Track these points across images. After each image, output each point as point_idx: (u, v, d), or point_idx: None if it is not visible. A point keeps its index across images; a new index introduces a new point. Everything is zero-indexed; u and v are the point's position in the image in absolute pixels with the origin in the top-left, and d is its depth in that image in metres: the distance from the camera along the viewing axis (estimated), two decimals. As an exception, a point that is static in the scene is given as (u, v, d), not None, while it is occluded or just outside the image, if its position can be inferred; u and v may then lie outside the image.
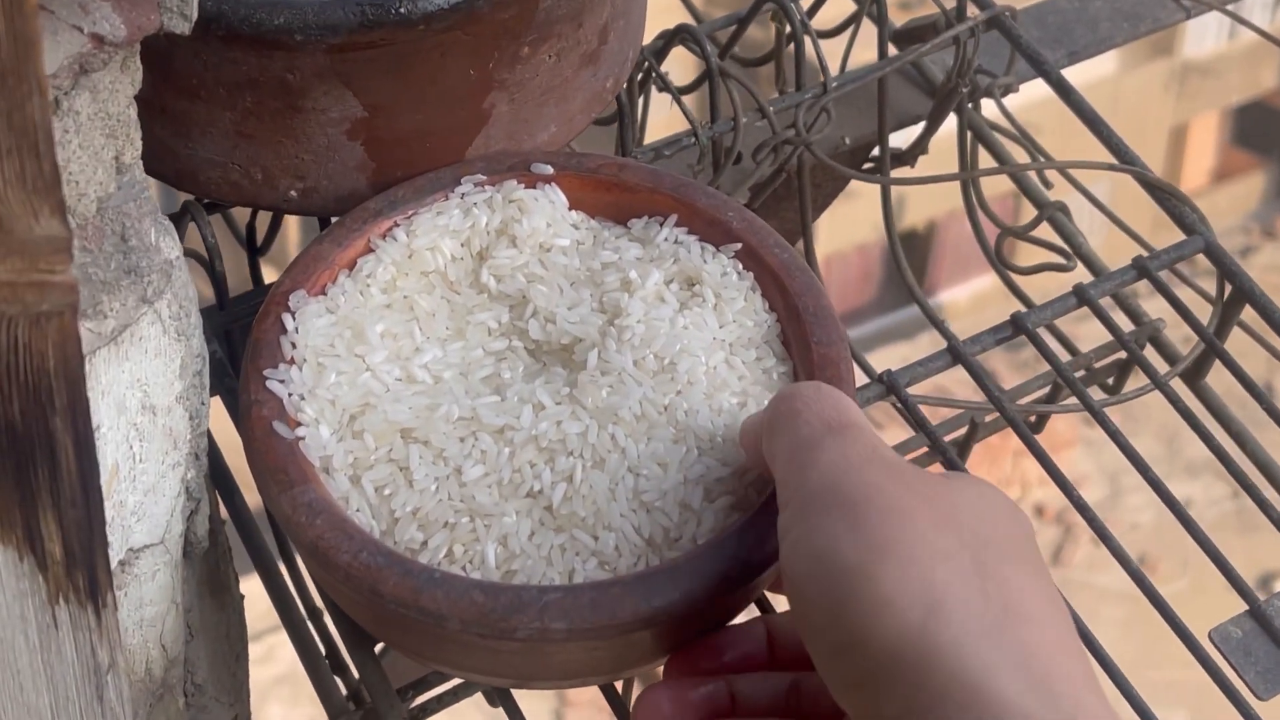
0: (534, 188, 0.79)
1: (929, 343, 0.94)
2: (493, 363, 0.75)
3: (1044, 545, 6.40)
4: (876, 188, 1.05)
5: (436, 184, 0.79)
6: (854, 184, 1.07)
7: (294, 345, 0.73)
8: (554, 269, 0.77)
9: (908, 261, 1.05)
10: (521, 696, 0.78)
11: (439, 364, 0.74)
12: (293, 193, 0.79)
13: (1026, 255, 0.97)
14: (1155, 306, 0.97)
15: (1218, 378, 0.95)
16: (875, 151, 1.06)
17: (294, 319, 0.74)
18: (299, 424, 0.71)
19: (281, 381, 0.72)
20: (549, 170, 0.79)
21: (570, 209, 0.79)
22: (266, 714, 5.45)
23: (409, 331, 0.75)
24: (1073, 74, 1.02)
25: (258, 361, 0.73)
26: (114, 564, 0.68)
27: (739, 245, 0.77)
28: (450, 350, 0.75)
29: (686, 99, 0.96)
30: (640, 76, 0.96)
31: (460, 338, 0.75)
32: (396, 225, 0.78)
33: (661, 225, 0.78)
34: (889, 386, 0.87)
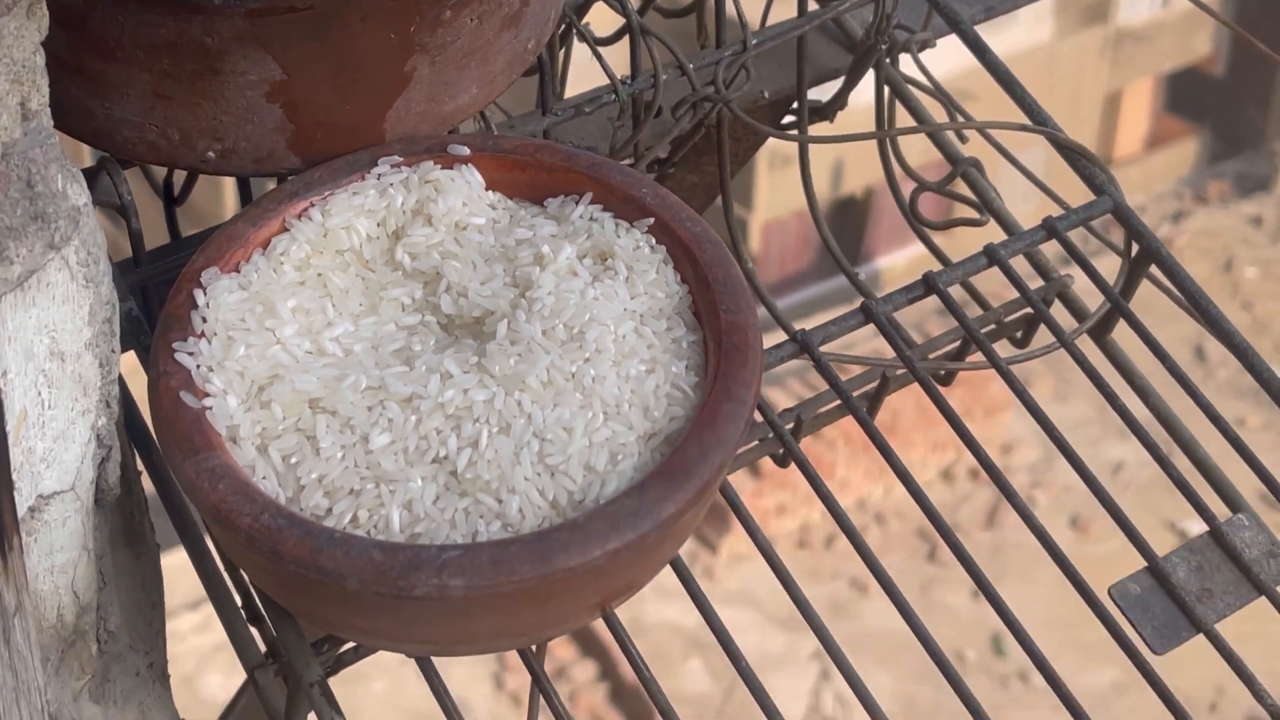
0: (451, 168, 0.80)
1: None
2: (404, 336, 0.76)
3: (979, 508, 6.49)
4: (816, 153, 1.06)
5: (353, 165, 0.80)
6: (794, 150, 1.08)
7: (204, 319, 0.74)
8: (469, 246, 0.78)
9: (846, 227, 1.07)
10: (457, 660, 0.79)
11: (350, 338, 0.75)
12: (210, 154, 0.80)
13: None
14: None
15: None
16: (795, 105, 1.08)
17: (205, 294, 0.75)
18: (207, 394, 0.72)
19: (190, 354, 0.73)
20: (465, 151, 0.80)
21: (488, 189, 0.80)
22: (206, 682, 5.47)
23: (321, 307, 0.76)
24: (1008, 40, 1.04)
25: (167, 335, 0.74)
26: (23, 510, 0.69)
27: (651, 220, 0.78)
28: (362, 325, 0.76)
29: (609, 51, 0.97)
30: (561, 30, 0.97)
31: (373, 313, 0.77)
32: (312, 205, 0.79)
33: (577, 203, 0.79)
34: (803, 345, 0.88)
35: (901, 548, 6.46)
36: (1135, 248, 0.93)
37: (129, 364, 0.81)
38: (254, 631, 0.80)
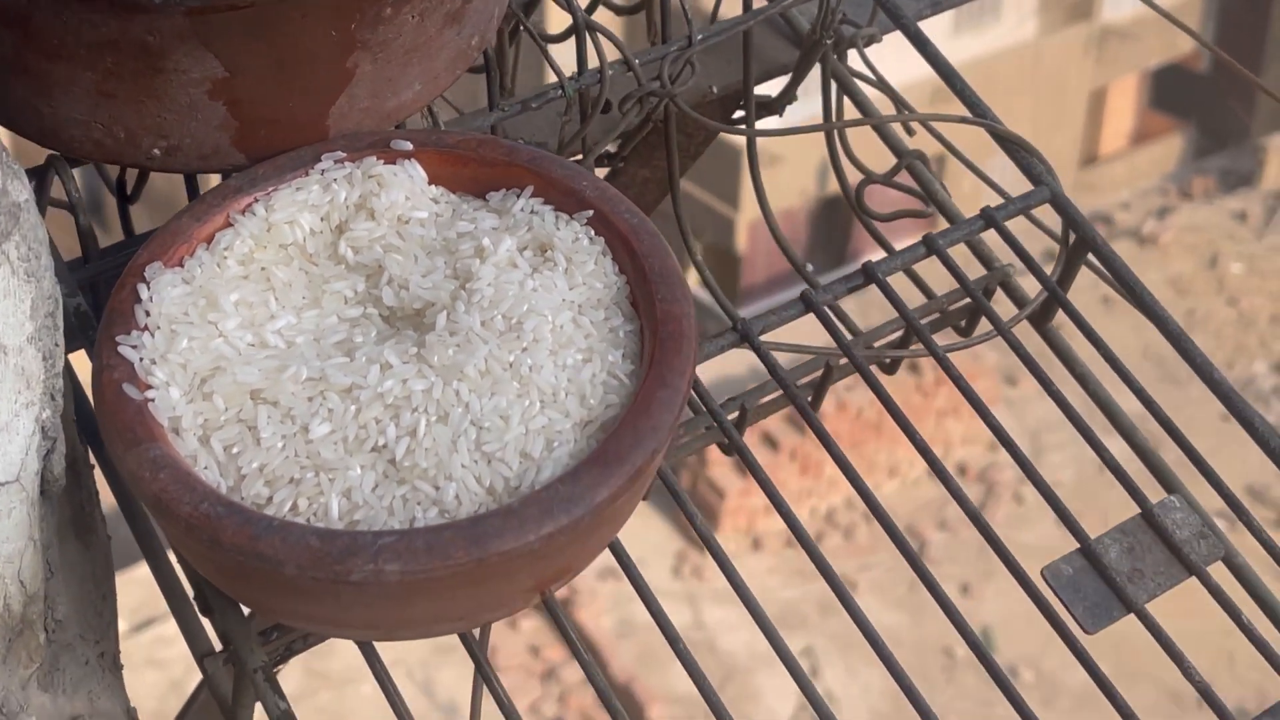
0: (394, 163, 0.81)
1: (854, 306, 0.95)
2: (346, 329, 0.77)
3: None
4: (802, 154, 1.07)
5: (297, 161, 0.81)
6: (780, 149, 1.10)
7: (148, 313, 0.75)
8: (411, 239, 0.79)
9: (834, 225, 1.08)
10: (445, 663, 0.80)
11: (292, 330, 0.76)
12: (156, 151, 0.81)
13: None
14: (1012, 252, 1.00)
15: (1120, 321, 0.98)
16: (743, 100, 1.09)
17: (148, 289, 0.76)
18: (149, 387, 0.73)
19: (134, 347, 0.74)
20: (408, 147, 0.82)
21: (431, 184, 0.82)
22: (194, 681, 5.47)
23: (264, 300, 0.77)
24: (992, 38, 1.05)
25: (111, 329, 0.75)
26: (-35, 501, 0.70)
27: (591, 212, 0.80)
28: (305, 317, 0.77)
29: (559, 48, 0.98)
30: (510, 27, 0.98)
31: (315, 306, 0.78)
32: (256, 201, 0.80)
33: (518, 196, 0.81)
34: (743, 334, 0.90)
35: (891, 544, 6.47)
36: (1073, 237, 0.95)
37: (86, 361, 0.82)
38: (207, 623, 0.82)
